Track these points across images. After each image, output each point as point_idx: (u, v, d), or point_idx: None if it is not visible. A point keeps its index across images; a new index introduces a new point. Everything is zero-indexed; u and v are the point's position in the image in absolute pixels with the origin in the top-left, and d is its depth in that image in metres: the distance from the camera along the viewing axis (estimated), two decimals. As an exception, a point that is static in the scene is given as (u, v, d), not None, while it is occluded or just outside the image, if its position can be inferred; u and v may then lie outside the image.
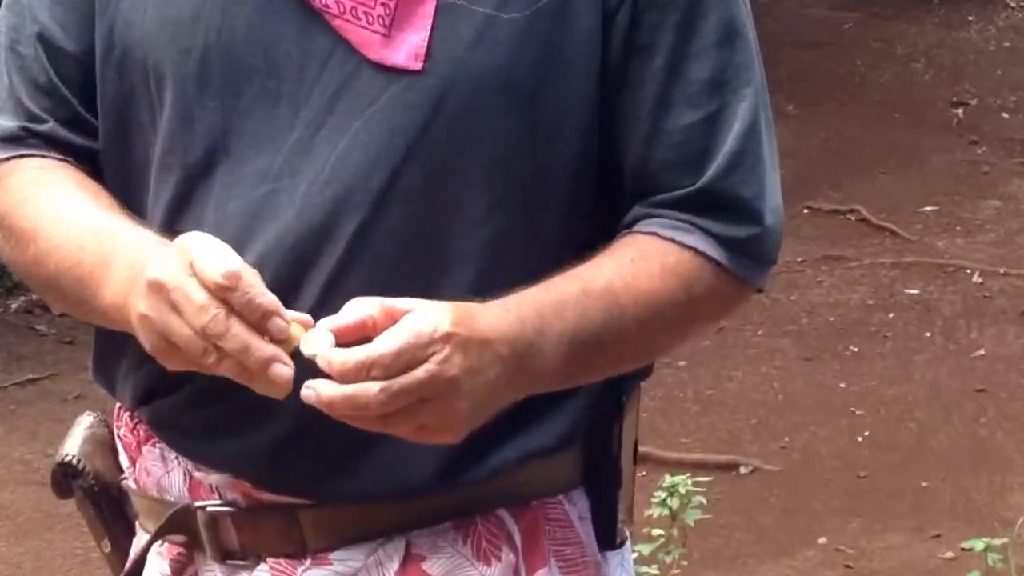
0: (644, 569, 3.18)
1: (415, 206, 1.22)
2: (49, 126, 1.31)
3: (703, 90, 1.27)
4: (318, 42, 1.25)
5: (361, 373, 1.10)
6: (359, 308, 1.13)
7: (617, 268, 1.24)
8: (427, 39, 1.23)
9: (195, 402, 1.26)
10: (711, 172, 1.26)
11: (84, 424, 1.40)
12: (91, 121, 1.32)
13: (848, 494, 4.15)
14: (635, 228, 1.27)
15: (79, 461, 1.38)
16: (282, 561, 1.27)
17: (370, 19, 1.24)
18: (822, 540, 3.94)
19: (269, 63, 1.25)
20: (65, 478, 1.39)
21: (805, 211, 6.02)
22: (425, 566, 1.26)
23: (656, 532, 3.28)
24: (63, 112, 1.31)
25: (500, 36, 1.24)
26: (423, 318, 1.12)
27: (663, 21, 1.26)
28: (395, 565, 1.26)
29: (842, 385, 4.76)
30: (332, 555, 1.26)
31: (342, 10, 1.24)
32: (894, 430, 4.49)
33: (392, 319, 1.12)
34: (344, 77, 1.24)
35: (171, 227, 1.23)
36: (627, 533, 1.37)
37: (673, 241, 1.26)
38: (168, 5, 1.27)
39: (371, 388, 1.10)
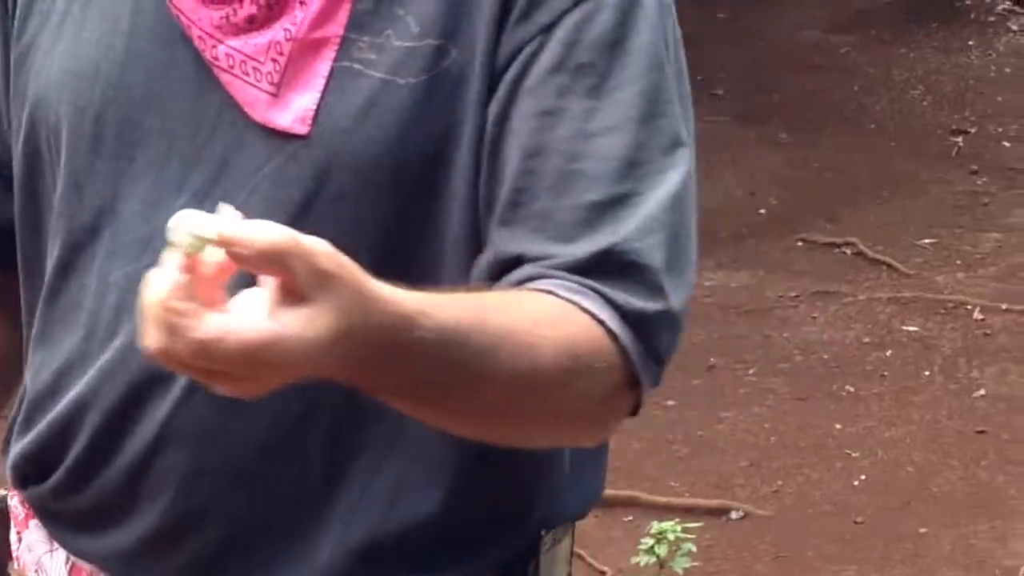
0: (630, 620, 3.28)
1: None
2: None
3: (615, 169, 1.17)
4: (209, 100, 1.21)
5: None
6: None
7: (500, 318, 1.12)
8: (317, 101, 1.18)
9: (62, 492, 1.28)
10: (616, 236, 1.16)
11: None
12: None
13: (844, 540, 4.14)
14: (529, 286, 1.17)
15: None
16: None
17: (259, 76, 1.19)
18: (817, 588, 3.99)
19: (164, 122, 1.23)
20: None
21: (799, 244, 6.05)
22: None
23: (643, 581, 3.30)
24: None
25: (393, 104, 1.18)
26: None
27: (574, 86, 1.17)
28: None
29: (837, 426, 4.74)
30: None
31: (231, 64, 1.20)
32: (891, 473, 4.48)
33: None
34: (231, 141, 1.21)
35: (58, 294, 1.24)
36: None
37: (571, 302, 1.15)
38: (73, 57, 1.26)
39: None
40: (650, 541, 3.32)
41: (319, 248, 0.97)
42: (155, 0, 1.24)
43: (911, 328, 5.38)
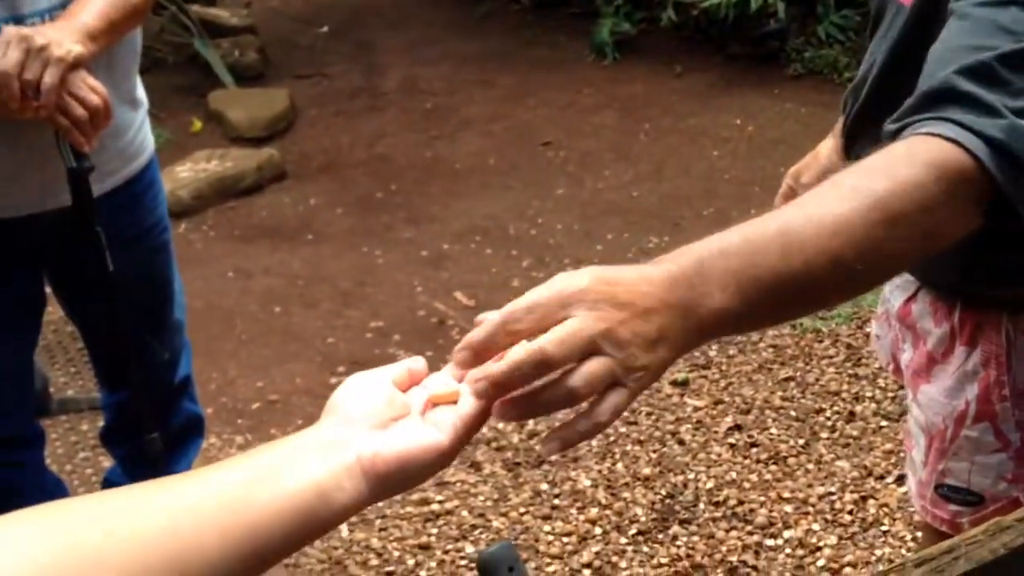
0: None
1: (884, 81, 1.82)
2: None
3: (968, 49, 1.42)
4: None
5: (498, 333, 1.08)
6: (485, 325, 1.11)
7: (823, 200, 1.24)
8: None
9: None
10: (944, 79, 1.38)
11: None
12: None
13: None
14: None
15: None
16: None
17: None
18: None
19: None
20: None
21: None
22: (912, 305, 2.06)
23: None
24: None
25: None
26: (560, 279, 1.10)
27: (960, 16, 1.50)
28: (906, 295, 2.07)
29: None
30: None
31: None
32: None
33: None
34: (897, 11, 1.85)
35: None
36: None
37: (911, 135, 1.33)
38: None
39: (518, 350, 1.07)
40: None
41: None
42: None
43: None
